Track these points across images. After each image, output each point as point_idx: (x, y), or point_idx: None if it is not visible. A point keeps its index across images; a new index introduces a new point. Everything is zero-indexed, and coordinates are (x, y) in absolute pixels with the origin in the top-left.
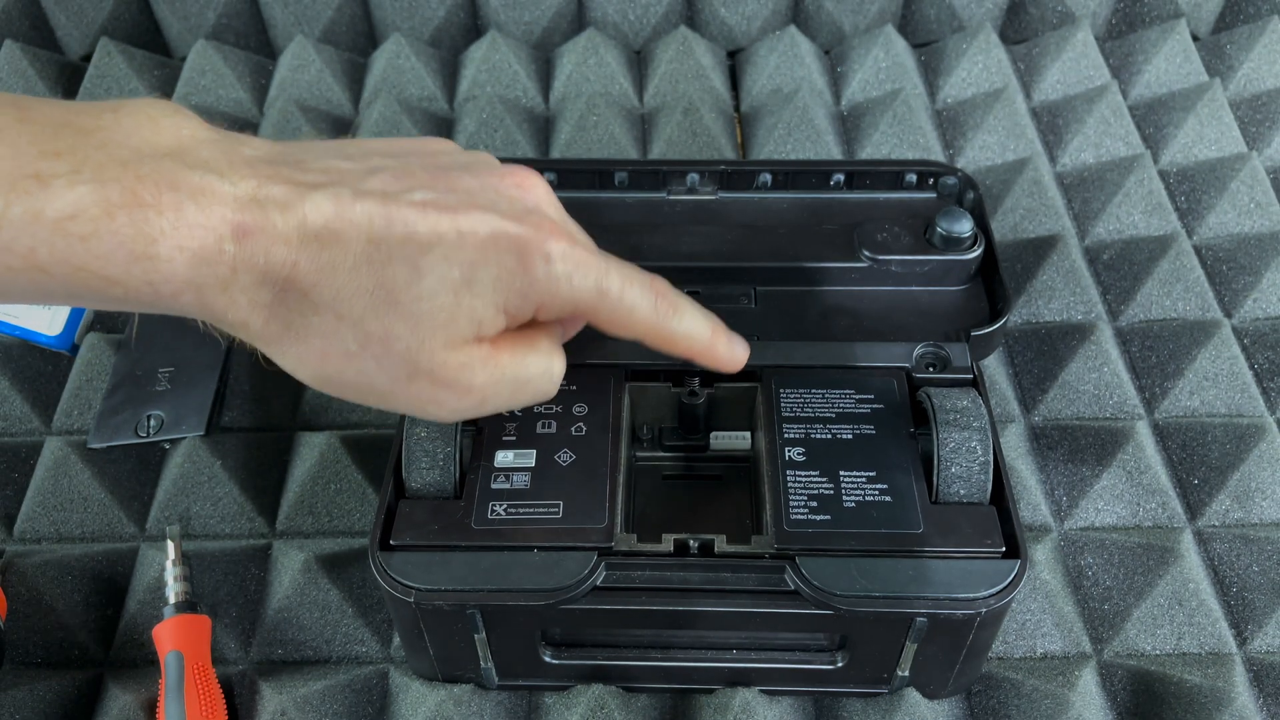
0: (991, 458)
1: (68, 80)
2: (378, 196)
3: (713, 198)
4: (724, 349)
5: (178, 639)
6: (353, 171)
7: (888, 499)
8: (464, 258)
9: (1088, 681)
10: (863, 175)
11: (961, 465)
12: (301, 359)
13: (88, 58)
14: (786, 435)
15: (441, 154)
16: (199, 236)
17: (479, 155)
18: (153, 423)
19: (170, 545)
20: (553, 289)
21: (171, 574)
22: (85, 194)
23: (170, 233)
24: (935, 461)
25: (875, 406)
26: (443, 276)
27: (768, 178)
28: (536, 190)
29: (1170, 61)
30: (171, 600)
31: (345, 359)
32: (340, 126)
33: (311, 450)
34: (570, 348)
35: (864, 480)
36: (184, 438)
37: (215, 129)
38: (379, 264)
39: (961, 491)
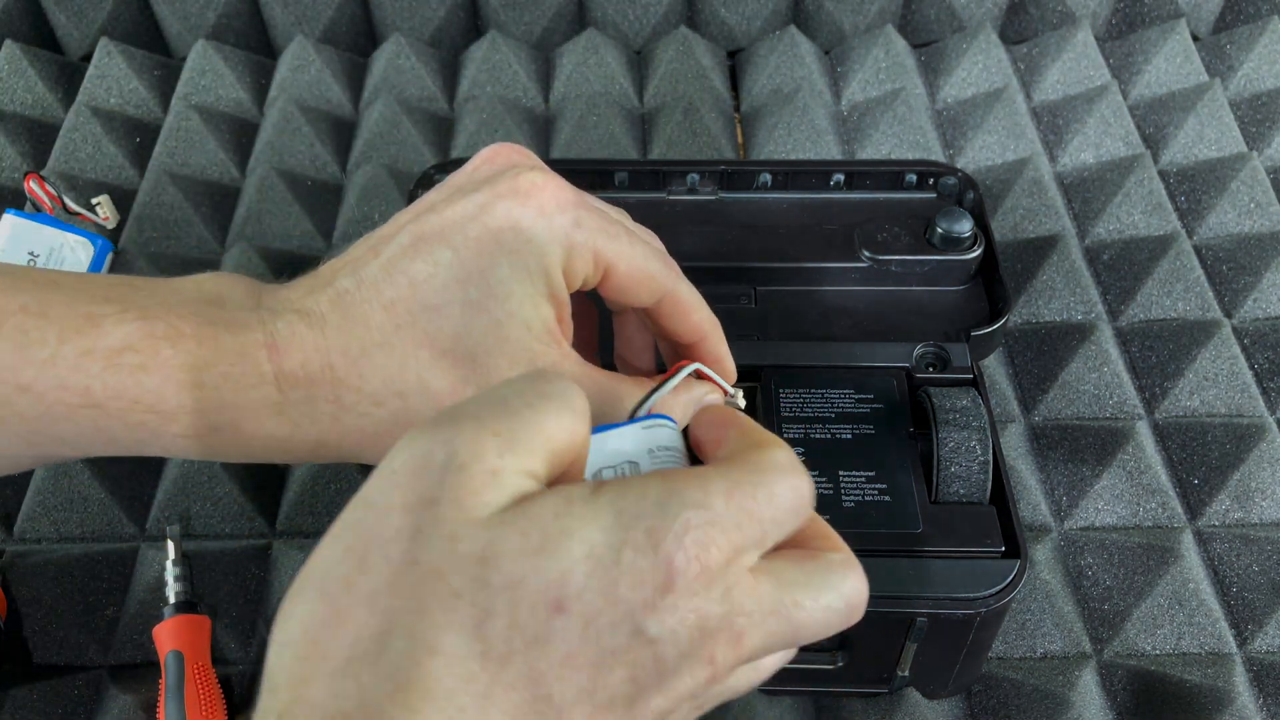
0: (991, 457)
1: (68, 80)
2: (374, 263)
3: (713, 198)
4: (722, 345)
5: (178, 639)
6: (352, 257)
7: (887, 499)
8: (469, 269)
9: (1088, 681)
10: (863, 175)
11: (961, 465)
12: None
13: (88, 58)
14: (786, 435)
15: (429, 196)
16: (237, 361)
17: (462, 169)
18: None
19: (170, 545)
20: (563, 237)
21: (171, 574)
22: (131, 329)
23: (212, 361)
24: (935, 461)
25: (875, 406)
26: (463, 302)
27: (768, 178)
28: (502, 154)
29: (1170, 61)
30: (171, 600)
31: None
32: (340, 126)
33: None
34: None
35: (863, 480)
36: None
37: (256, 282)
38: (405, 326)
39: (961, 491)
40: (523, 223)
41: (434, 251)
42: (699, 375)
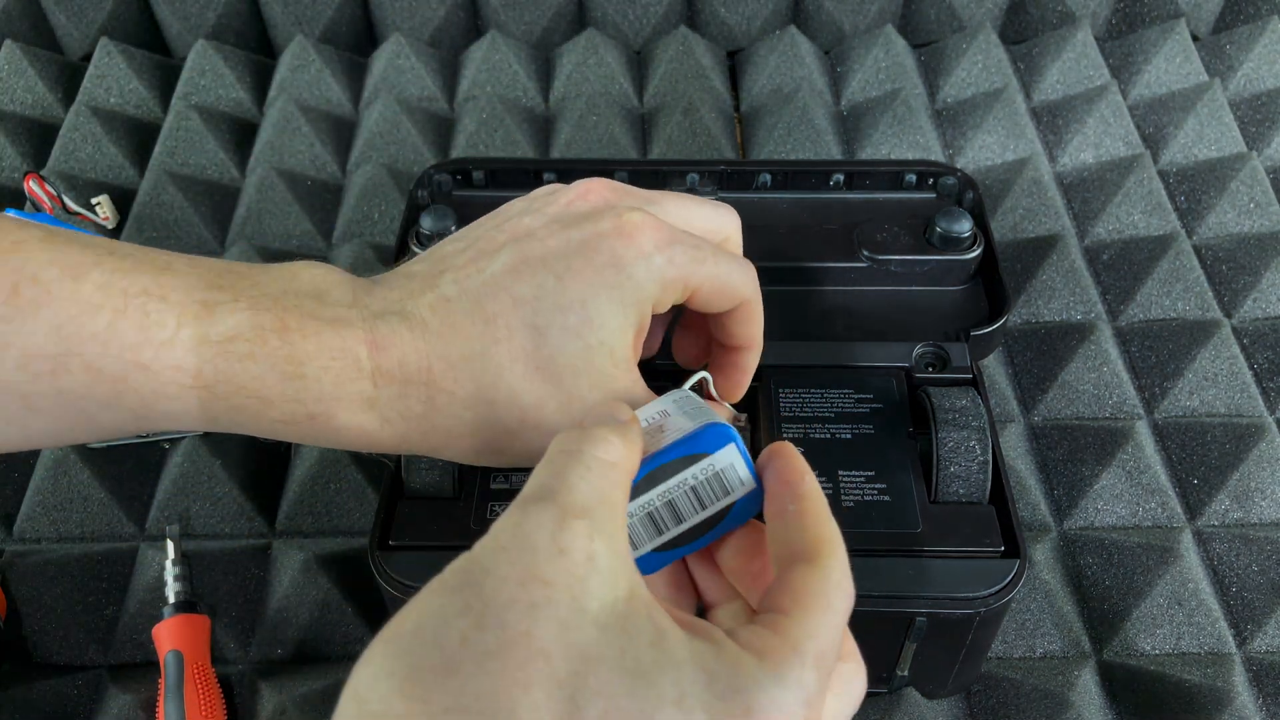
0: (990, 457)
1: (68, 80)
2: (478, 277)
3: (712, 198)
4: (756, 362)
5: (177, 638)
6: (453, 264)
7: (886, 499)
8: (571, 297)
9: (1087, 681)
10: (862, 175)
11: (960, 465)
12: (464, 452)
13: (88, 58)
14: (785, 435)
15: (512, 208)
16: (339, 356)
17: (550, 188)
18: None
19: (170, 545)
20: (659, 275)
21: (171, 574)
22: (243, 319)
23: (314, 354)
24: (934, 461)
25: (874, 406)
26: (562, 326)
27: (768, 178)
28: (596, 190)
29: (1170, 61)
30: (171, 600)
31: (508, 437)
32: (340, 126)
33: (311, 450)
34: None
35: (863, 480)
36: (184, 437)
37: (350, 275)
38: (504, 340)
39: (960, 491)
40: (625, 261)
41: (537, 275)
42: (706, 397)
